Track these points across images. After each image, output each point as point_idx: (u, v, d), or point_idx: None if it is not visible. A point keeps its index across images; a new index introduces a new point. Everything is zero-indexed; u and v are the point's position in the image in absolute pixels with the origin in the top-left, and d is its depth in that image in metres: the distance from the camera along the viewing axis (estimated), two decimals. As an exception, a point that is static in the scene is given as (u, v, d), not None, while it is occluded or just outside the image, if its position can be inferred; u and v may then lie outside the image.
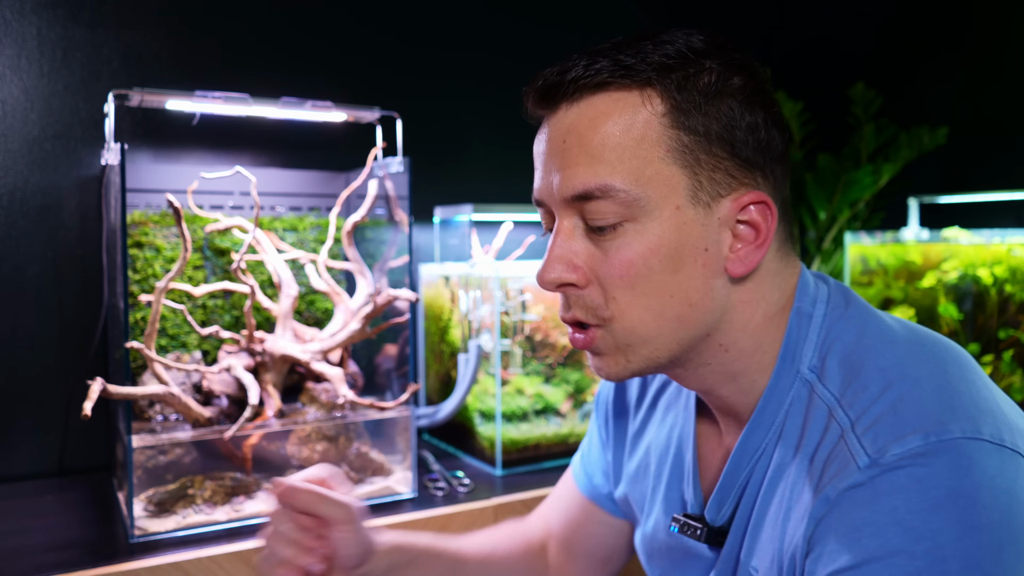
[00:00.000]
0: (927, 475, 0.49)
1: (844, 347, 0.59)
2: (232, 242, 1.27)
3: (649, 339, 0.60)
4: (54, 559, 0.92)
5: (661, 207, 0.58)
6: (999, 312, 1.30)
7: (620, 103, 0.58)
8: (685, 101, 0.58)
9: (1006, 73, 1.64)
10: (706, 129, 0.58)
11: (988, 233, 1.33)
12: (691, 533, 0.67)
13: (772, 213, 0.59)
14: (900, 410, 0.52)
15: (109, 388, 0.93)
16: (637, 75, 0.58)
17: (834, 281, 0.67)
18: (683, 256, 0.58)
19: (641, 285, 0.59)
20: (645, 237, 0.58)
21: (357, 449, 1.18)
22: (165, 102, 1.12)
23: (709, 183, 0.58)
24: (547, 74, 0.61)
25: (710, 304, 0.60)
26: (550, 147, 0.61)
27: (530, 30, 1.73)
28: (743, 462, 0.63)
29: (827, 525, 0.52)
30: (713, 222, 0.59)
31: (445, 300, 1.45)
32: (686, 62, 0.58)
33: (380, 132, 1.27)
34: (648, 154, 0.58)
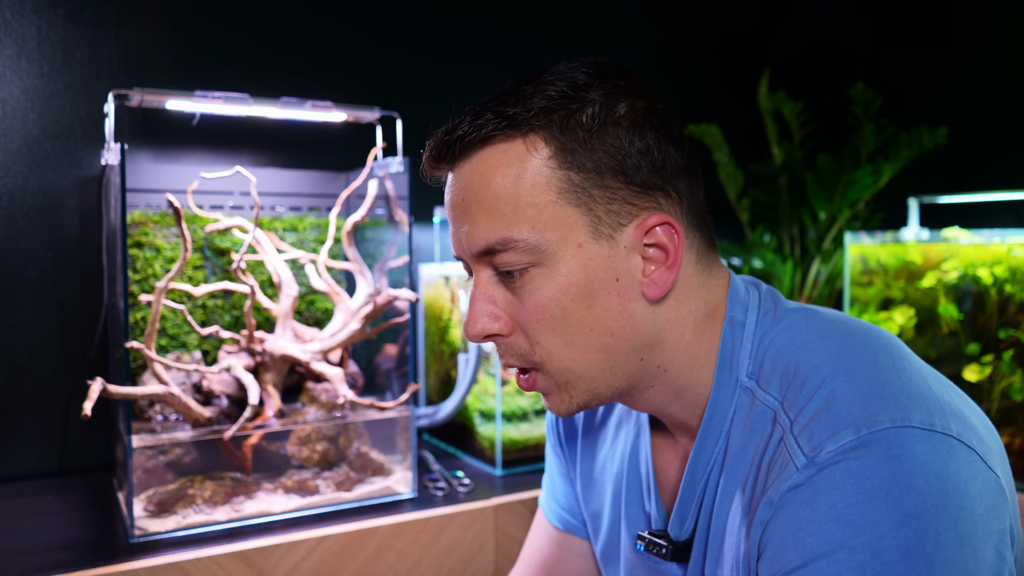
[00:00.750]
0: (860, 468, 0.49)
1: (778, 351, 0.60)
2: (232, 242, 1.27)
3: (583, 374, 0.61)
4: (54, 559, 0.92)
5: (563, 248, 0.59)
6: (999, 312, 1.30)
7: (507, 154, 0.59)
8: (569, 140, 0.58)
9: (1006, 73, 1.64)
10: (595, 164, 0.58)
11: (988, 233, 1.33)
12: (657, 552, 0.67)
13: (678, 232, 0.60)
14: (833, 406, 0.53)
15: (109, 388, 0.93)
16: (519, 123, 0.59)
17: (765, 286, 0.67)
18: (594, 291, 0.59)
19: (559, 325, 0.60)
20: (553, 279, 0.59)
21: (357, 449, 1.18)
22: (165, 102, 1.12)
23: (607, 215, 0.59)
24: (438, 134, 0.62)
25: (633, 330, 0.61)
26: (453, 204, 0.63)
27: (530, 30, 1.73)
28: (698, 474, 0.63)
29: (773, 527, 0.52)
30: (619, 252, 0.59)
31: (445, 300, 1.45)
32: (567, 100, 0.59)
33: (380, 132, 1.27)
34: (541, 200, 0.58)
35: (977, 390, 1.31)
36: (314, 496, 1.11)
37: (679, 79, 1.96)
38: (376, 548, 1.05)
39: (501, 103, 0.60)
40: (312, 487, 1.11)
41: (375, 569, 1.05)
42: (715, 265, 0.65)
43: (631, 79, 0.61)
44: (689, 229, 0.62)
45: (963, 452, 0.51)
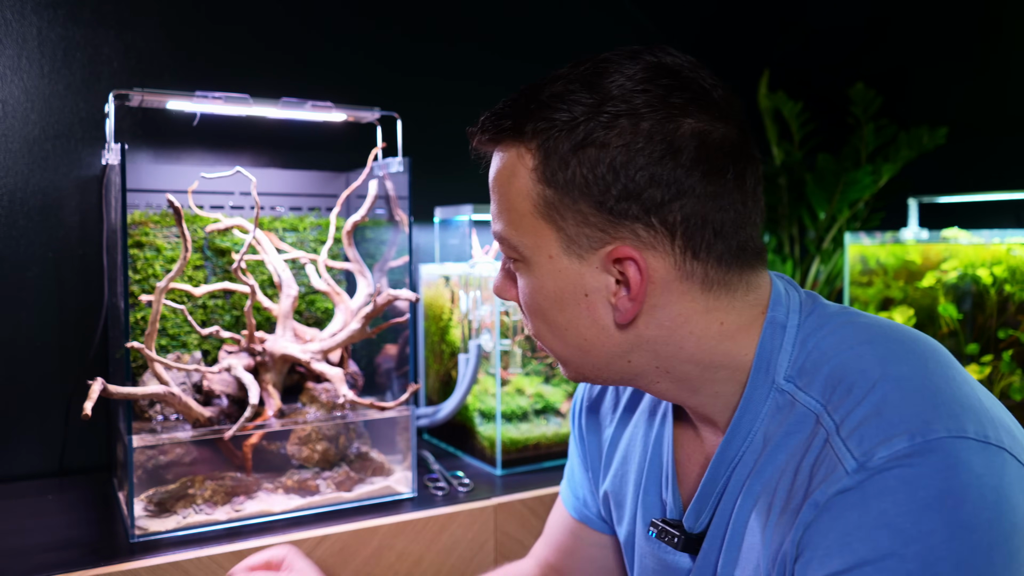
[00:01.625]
0: (915, 476, 0.49)
1: (823, 353, 0.59)
2: (232, 242, 1.27)
3: (566, 360, 0.66)
4: (54, 559, 0.92)
5: (537, 255, 0.62)
6: (999, 312, 1.30)
7: (508, 157, 0.62)
8: (550, 157, 0.59)
9: (1006, 73, 1.64)
10: (569, 185, 0.59)
11: (988, 233, 1.34)
12: (668, 540, 0.67)
13: (641, 269, 0.58)
14: (884, 411, 0.52)
15: (109, 388, 0.94)
16: (516, 131, 0.61)
17: (804, 290, 0.66)
18: (564, 300, 0.62)
19: (539, 318, 0.64)
20: (530, 279, 0.63)
21: (357, 449, 1.18)
22: (165, 102, 1.12)
23: (578, 236, 0.60)
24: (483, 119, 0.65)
25: (608, 341, 0.62)
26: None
27: (531, 30, 1.73)
28: (721, 470, 0.63)
29: (816, 530, 0.52)
30: (591, 270, 0.60)
31: (445, 300, 1.45)
32: (558, 114, 0.59)
33: (380, 132, 1.27)
34: (521, 207, 0.61)
35: (977, 390, 1.31)
36: (314, 496, 1.11)
37: (679, 79, 1.96)
38: (376, 548, 1.05)
39: (519, 104, 0.62)
40: (312, 487, 1.11)
41: (375, 569, 1.05)
42: (742, 285, 0.62)
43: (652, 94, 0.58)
44: (687, 260, 0.59)
45: (1015, 466, 0.50)
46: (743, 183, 0.60)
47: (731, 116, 0.60)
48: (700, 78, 0.60)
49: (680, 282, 0.60)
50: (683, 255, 0.59)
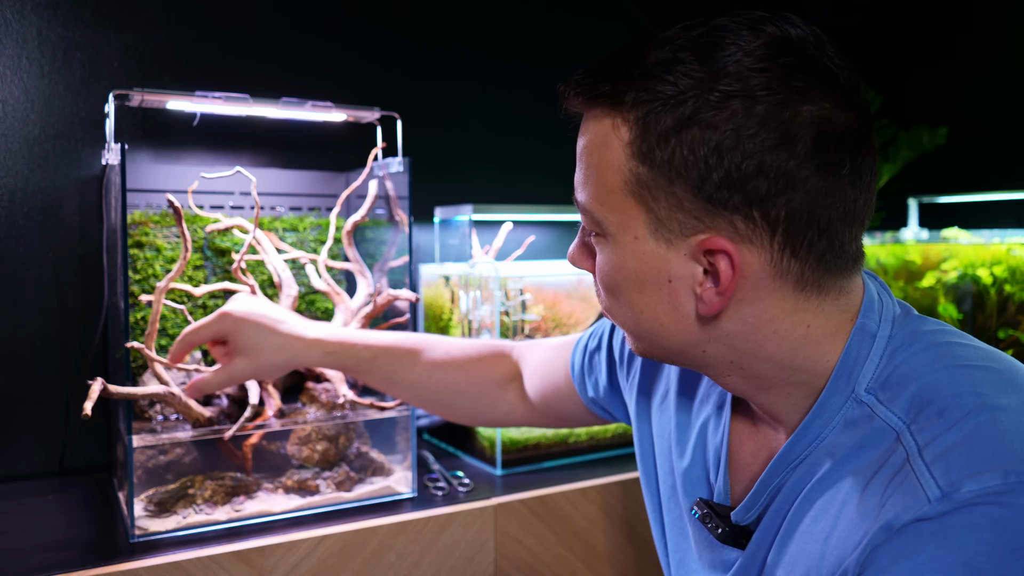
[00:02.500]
0: (1005, 517, 0.45)
1: (914, 370, 0.56)
2: (232, 242, 1.27)
3: (639, 337, 0.63)
4: (54, 559, 0.92)
5: (621, 234, 0.59)
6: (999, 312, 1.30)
7: (600, 124, 0.58)
8: (649, 133, 0.54)
9: (1006, 73, 1.64)
10: (667, 166, 0.54)
11: (988, 233, 1.34)
12: (711, 527, 0.65)
13: (735, 264, 0.54)
14: (977, 442, 0.49)
15: (109, 388, 0.94)
16: (613, 98, 0.56)
17: (898, 300, 0.63)
18: (645, 283, 0.59)
19: (613, 294, 0.62)
20: (610, 257, 0.60)
21: (357, 449, 1.18)
22: (165, 102, 1.12)
23: (669, 221, 0.55)
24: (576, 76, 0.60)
25: (686, 329, 0.59)
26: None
27: (530, 30, 1.73)
28: (779, 469, 0.61)
29: (885, 553, 0.49)
30: (677, 257, 0.56)
31: (445, 300, 1.45)
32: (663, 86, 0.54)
33: (380, 132, 1.27)
34: (610, 182, 0.57)
35: (977, 390, 1.31)
36: (314, 496, 1.11)
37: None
38: (376, 548, 1.05)
39: (619, 67, 0.56)
40: (312, 487, 1.11)
41: (375, 569, 1.05)
42: (835, 289, 0.59)
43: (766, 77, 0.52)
44: (785, 257, 0.55)
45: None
46: (858, 178, 0.55)
47: (854, 102, 0.55)
48: (825, 57, 0.54)
49: (772, 280, 0.56)
50: (781, 252, 0.55)
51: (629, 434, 1.40)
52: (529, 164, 1.72)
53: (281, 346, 0.93)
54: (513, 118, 1.70)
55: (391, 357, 0.96)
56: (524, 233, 1.63)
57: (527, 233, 1.65)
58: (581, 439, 1.36)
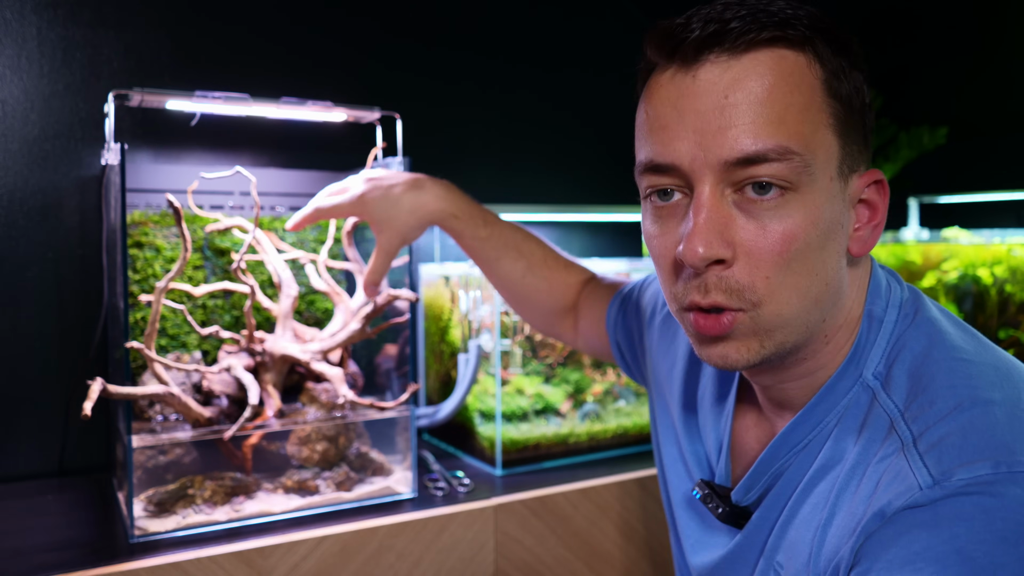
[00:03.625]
0: (995, 506, 0.46)
1: (913, 358, 0.57)
2: (232, 242, 1.27)
3: (789, 322, 0.56)
4: (54, 559, 0.92)
5: (822, 177, 0.55)
6: (999, 312, 1.30)
7: (788, 62, 0.55)
8: (838, 68, 0.56)
9: (1006, 73, 1.64)
10: (850, 99, 0.57)
11: (988, 233, 1.34)
12: (712, 507, 0.66)
13: (886, 193, 0.59)
14: (969, 433, 0.50)
15: (109, 388, 0.93)
16: (800, 35, 0.55)
17: (906, 284, 0.64)
18: (830, 231, 0.56)
19: (796, 262, 0.54)
20: (807, 209, 0.54)
21: (357, 449, 1.18)
22: (165, 102, 1.12)
23: (849, 156, 0.57)
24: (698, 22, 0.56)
25: (838, 284, 0.58)
26: (702, 103, 0.55)
27: (531, 30, 1.73)
28: (782, 451, 0.61)
29: (879, 541, 0.49)
30: (846, 198, 0.57)
31: (445, 300, 1.45)
32: (829, 28, 0.57)
33: (380, 132, 1.27)
34: (815, 118, 0.55)
35: (977, 390, 1.31)
36: (314, 496, 1.11)
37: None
38: (376, 548, 1.05)
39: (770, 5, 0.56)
40: (312, 487, 1.11)
41: (375, 569, 1.05)
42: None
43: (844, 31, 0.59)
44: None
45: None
46: None
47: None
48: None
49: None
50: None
51: (629, 434, 1.40)
52: (529, 164, 1.72)
53: (414, 206, 0.97)
54: (513, 118, 1.70)
55: (502, 242, 0.99)
56: (524, 233, 1.63)
57: (527, 233, 1.65)
58: (581, 439, 1.36)
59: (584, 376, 1.41)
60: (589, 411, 1.40)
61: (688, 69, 0.56)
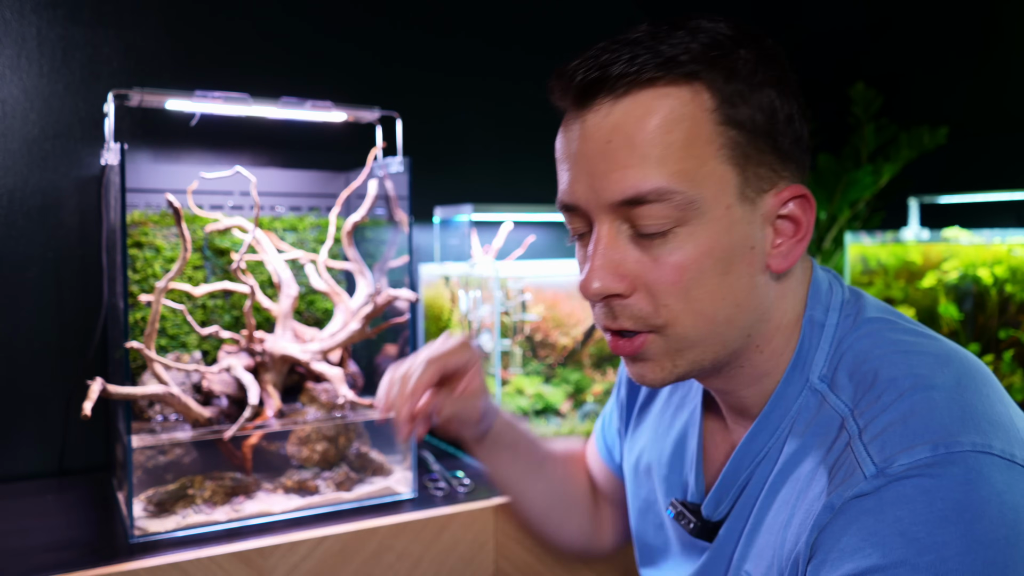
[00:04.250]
0: (934, 487, 0.48)
1: (856, 357, 0.58)
2: (232, 242, 1.27)
3: (698, 342, 0.58)
4: (54, 559, 0.92)
5: (714, 208, 0.55)
6: (999, 312, 1.30)
7: (669, 99, 0.55)
8: (732, 94, 0.56)
9: (1006, 73, 1.64)
10: (752, 122, 0.56)
11: (988, 233, 1.34)
12: (684, 523, 0.67)
13: (811, 206, 0.58)
14: (910, 420, 0.51)
15: (109, 388, 0.93)
16: (683, 68, 0.55)
17: (848, 285, 0.65)
18: (733, 256, 0.56)
19: (694, 289, 0.56)
20: (698, 240, 0.56)
21: (357, 449, 1.18)
22: (165, 102, 1.12)
23: (755, 179, 0.56)
24: (583, 68, 0.57)
25: (754, 302, 0.58)
26: (589, 147, 0.57)
27: (530, 30, 1.73)
28: (744, 462, 0.62)
29: (830, 532, 0.51)
30: (757, 218, 0.57)
31: (445, 300, 1.45)
32: (726, 52, 0.56)
33: (380, 132, 1.27)
34: (702, 152, 0.55)
35: (977, 390, 1.31)
36: (314, 496, 1.11)
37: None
38: (376, 548, 1.05)
39: (658, 42, 0.56)
40: (312, 487, 1.11)
41: (375, 569, 1.05)
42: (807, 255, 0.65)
43: (775, 44, 0.60)
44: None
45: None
46: None
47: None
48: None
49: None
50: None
51: (629, 434, 1.40)
52: (529, 164, 1.72)
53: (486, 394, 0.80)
54: (513, 118, 1.70)
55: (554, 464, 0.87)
56: (524, 233, 1.63)
57: (527, 233, 1.65)
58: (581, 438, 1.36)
59: (584, 376, 1.41)
60: (589, 411, 1.40)
61: (579, 114, 0.58)
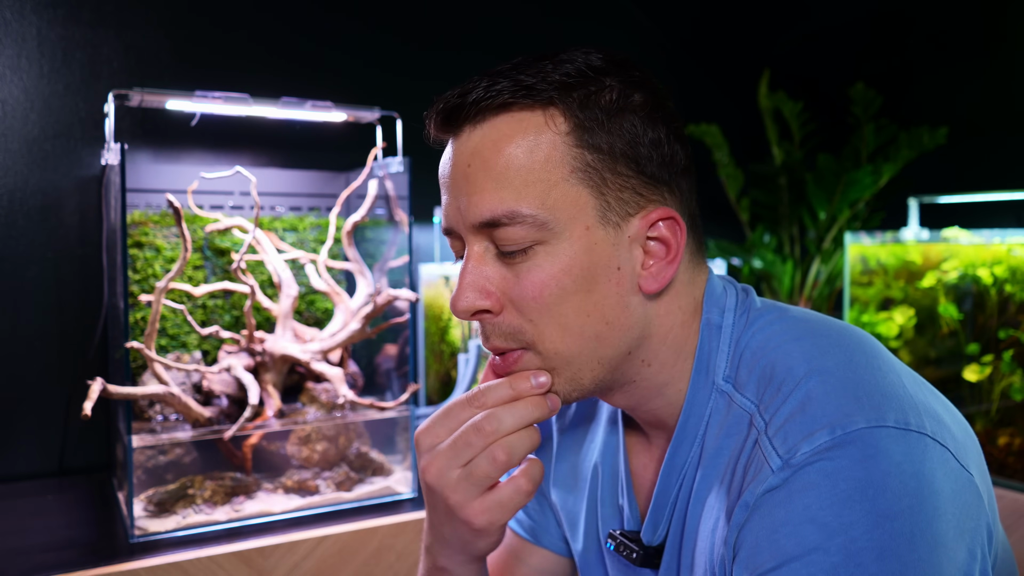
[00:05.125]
0: (835, 469, 0.49)
1: (754, 353, 0.59)
2: (232, 242, 1.27)
3: (571, 360, 0.59)
4: (54, 559, 0.92)
5: (570, 229, 0.57)
6: (999, 312, 1.30)
7: (523, 124, 0.57)
8: (588, 119, 0.57)
9: (1007, 73, 1.64)
10: (610, 147, 0.57)
11: (988, 233, 1.34)
12: (627, 555, 0.66)
13: (681, 228, 0.59)
14: (808, 407, 0.52)
15: (109, 388, 0.93)
16: (539, 94, 0.57)
17: (740, 284, 0.66)
18: (596, 276, 0.57)
19: (556, 306, 0.57)
20: (556, 259, 0.57)
21: (357, 449, 1.18)
22: (165, 102, 1.12)
23: (617, 203, 0.58)
24: (448, 97, 0.60)
25: (627, 321, 0.59)
26: (454, 171, 0.60)
27: (530, 30, 1.73)
28: (673, 478, 0.62)
29: (748, 530, 0.52)
30: (623, 240, 0.58)
31: (445, 300, 1.45)
32: (587, 80, 0.58)
33: (380, 132, 1.27)
34: (553, 176, 0.56)
35: (977, 390, 1.31)
36: (314, 496, 1.11)
37: (679, 79, 1.96)
38: (376, 548, 1.05)
39: (519, 72, 0.58)
40: (312, 487, 1.11)
41: (375, 569, 1.05)
42: (702, 263, 0.65)
43: (644, 73, 0.61)
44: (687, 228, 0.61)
45: (937, 451, 0.51)
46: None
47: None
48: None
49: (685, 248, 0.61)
50: (688, 223, 0.61)
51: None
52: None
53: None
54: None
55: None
56: (524, 233, 1.63)
57: (527, 233, 1.65)
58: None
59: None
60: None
61: (450, 141, 0.62)
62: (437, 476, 0.57)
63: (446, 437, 0.59)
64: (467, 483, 0.57)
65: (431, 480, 0.58)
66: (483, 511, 0.57)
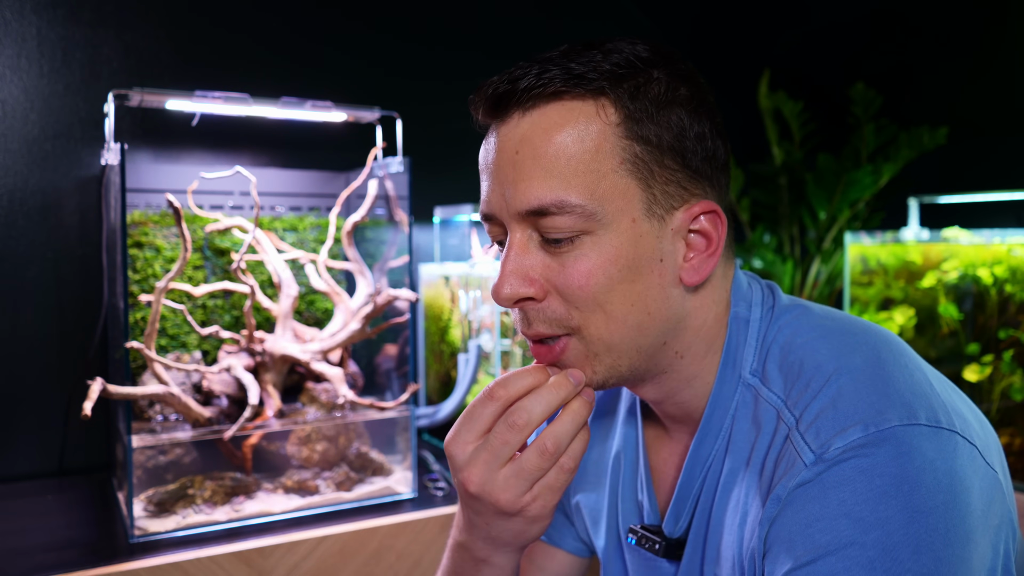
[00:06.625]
0: (870, 465, 0.50)
1: (781, 349, 0.60)
2: (232, 242, 1.27)
3: (613, 347, 0.59)
4: (54, 559, 0.92)
5: (617, 220, 0.57)
6: (999, 312, 1.30)
7: (574, 113, 0.57)
8: (638, 111, 0.57)
9: (1007, 73, 1.64)
10: (659, 139, 0.57)
11: (988, 233, 1.33)
12: (649, 547, 0.66)
13: (722, 222, 0.60)
14: (839, 404, 0.53)
15: (109, 388, 0.93)
16: (590, 84, 0.57)
17: (764, 280, 0.67)
18: (640, 267, 0.58)
19: (602, 295, 0.58)
20: (602, 249, 0.57)
21: (357, 449, 1.18)
22: (165, 102, 1.12)
23: (663, 195, 0.58)
24: (497, 82, 0.60)
25: (667, 312, 0.60)
26: (500, 158, 0.59)
27: (530, 29, 1.73)
28: (696, 470, 0.63)
29: (780, 524, 0.52)
30: (667, 233, 0.59)
31: (445, 300, 1.45)
32: (636, 71, 0.58)
33: (380, 132, 1.27)
34: (603, 166, 0.57)
35: (977, 390, 1.31)
36: (314, 496, 1.11)
37: (679, 79, 1.96)
38: (376, 548, 1.05)
39: (570, 60, 0.58)
40: (312, 487, 1.11)
41: (375, 569, 1.05)
42: (732, 259, 0.66)
43: (689, 67, 0.61)
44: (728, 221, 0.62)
45: (966, 448, 0.51)
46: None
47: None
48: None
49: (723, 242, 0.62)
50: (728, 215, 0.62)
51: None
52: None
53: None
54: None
55: None
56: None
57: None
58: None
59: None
60: (589, 411, 1.40)
61: (494, 126, 0.62)
62: (480, 484, 0.58)
63: (475, 441, 0.59)
64: (517, 480, 0.58)
65: (475, 490, 0.58)
66: (535, 498, 0.58)
